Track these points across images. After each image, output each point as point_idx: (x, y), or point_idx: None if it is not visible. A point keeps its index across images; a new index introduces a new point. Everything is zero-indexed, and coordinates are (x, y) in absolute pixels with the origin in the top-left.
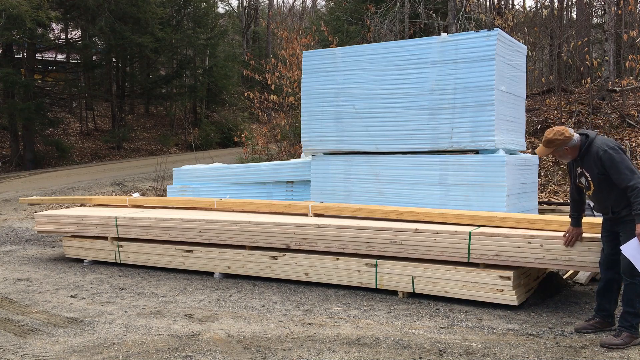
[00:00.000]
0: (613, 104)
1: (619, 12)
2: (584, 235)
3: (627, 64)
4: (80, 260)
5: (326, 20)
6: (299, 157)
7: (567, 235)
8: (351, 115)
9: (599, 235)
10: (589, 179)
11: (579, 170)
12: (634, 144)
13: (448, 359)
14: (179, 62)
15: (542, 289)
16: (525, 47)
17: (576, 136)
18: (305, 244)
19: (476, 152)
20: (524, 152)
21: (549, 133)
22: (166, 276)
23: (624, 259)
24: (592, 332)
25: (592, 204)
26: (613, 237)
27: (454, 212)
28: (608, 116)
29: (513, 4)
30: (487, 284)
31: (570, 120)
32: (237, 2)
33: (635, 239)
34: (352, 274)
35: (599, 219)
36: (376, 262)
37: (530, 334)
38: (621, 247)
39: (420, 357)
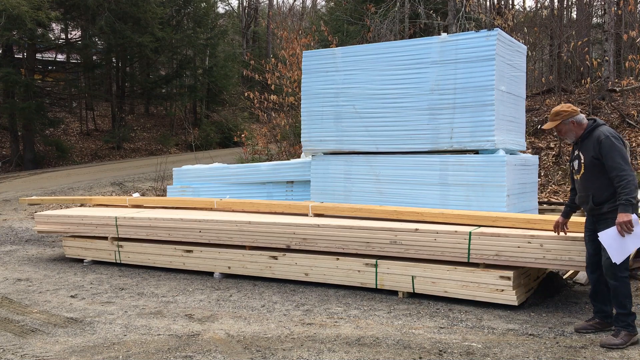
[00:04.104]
0: (613, 104)
1: (619, 12)
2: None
3: (627, 64)
4: (80, 260)
5: (326, 20)
6: (299, 157)
7: (554, 224)
8: (351, 115)
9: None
10: (582, 161)
11: (575, 152)
12: (633, 144)
13: (448, 359)
14: (179, 62)
15: (542, 289)
16: (525, 47)
17: (583, 116)
18: (305, 244)
19: (476, 152)
20: (524, 152)
21: (556, 107)
22: (166, 276)
23: (605, 261)
24: (592, 332)
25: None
26: (595, 236)
27: (454, 212)
28: (608, 116)
29: (513, 4)
30: (487, 284)
31: None
32: (237, 2)
33: (614, 228)
34: (352, 274)
35: None
36: (376, 262)
37: (530, 334)
38: (599, 234)
39: (420, 357)
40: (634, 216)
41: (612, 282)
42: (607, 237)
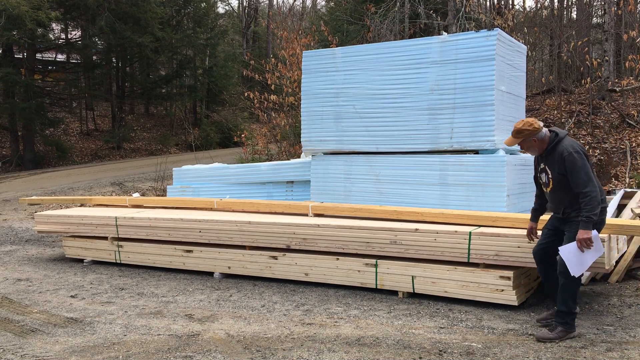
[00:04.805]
0: (613, 104)
1: (619, 12)
2: None
3: (627, 64)
4: (80, 260)
5: (326, 20)
6: (299, 157)
7: (527, 230)
8: (351, 115)
9: (599, 235)
10: (550, 176)
11: (542, 165)
12: (634, 144)
13: (448, 359)
14: (179, 62)
15: (542, 289)
16: (525, 47)
17: (545, 130)
18: (305, 244)
19: (476, 152)
20: (524, 152)
21: (518, 123)
22: (166, 276)
23: (561, 259)
24: (551, 321)
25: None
26: (556, 232)
27: (454, 212)
28: (608, 116)
29: (513, 4)
30: (487, 284)
31: (570, 120)
32: (237, 2)
33: (573, 244)
34: (352, 274)
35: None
36: (376, 262)
37: (530, 334)
38: (559, 249)
39: (420, 357)
40: (594, 232)
41: (562, 280)
42: (567, 252)
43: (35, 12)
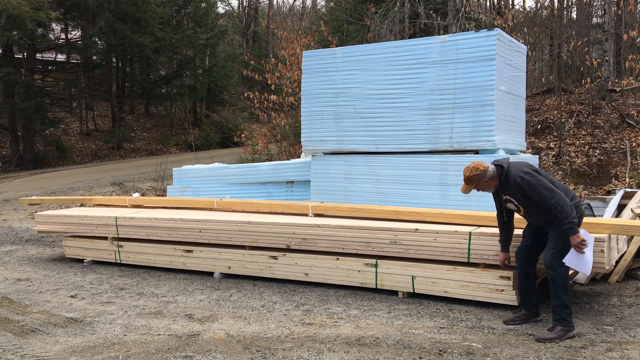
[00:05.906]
0: (613, 104)
1: (619, 12)
2: None
3: (627, 64)
4: (80, 260)
5: (326, 20)
6: (299, 157)
7: (500, 261)
8: (351, 115)
9: (599, 235)
10: (516, 203)
11: (504, 197)
12: (634, 144)
13: (448, 359)
14: (179, 62)
15: (542, 289)
16: (525, 47)
17: (492, 167)
18: (305, 244)
19: (476, 152)
20: (524, 152)
21: (465, 171)
22: (166, 276)
23: (546, 252)
24: (519, 323)
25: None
26: (538, 234)
27: (454, 212)
28: (608, 116)
29: (513, 4)
30: (487, 284)
31: (570, 120)
32: (237, 2)
33: (572, 251)
34: (352, 274)
35: (599, 219)
36: (376, 262)
37: (530, 334)
38: (564, 260)
39: (420, 357)
40: (582, 231)
41: (550, 273)
42: (570, 259)
43: (36, 12)
